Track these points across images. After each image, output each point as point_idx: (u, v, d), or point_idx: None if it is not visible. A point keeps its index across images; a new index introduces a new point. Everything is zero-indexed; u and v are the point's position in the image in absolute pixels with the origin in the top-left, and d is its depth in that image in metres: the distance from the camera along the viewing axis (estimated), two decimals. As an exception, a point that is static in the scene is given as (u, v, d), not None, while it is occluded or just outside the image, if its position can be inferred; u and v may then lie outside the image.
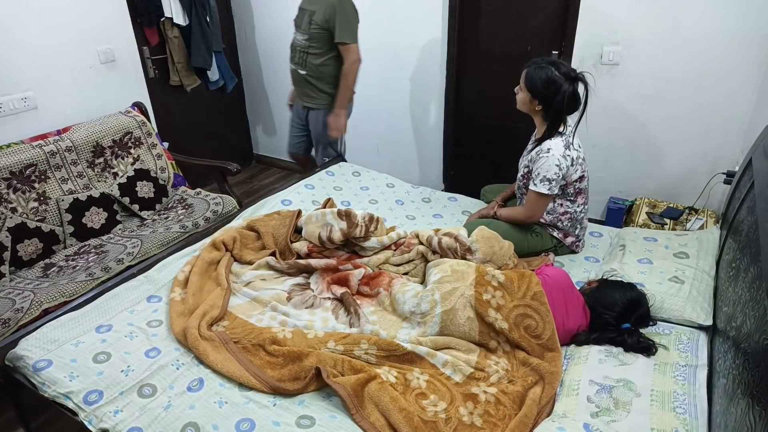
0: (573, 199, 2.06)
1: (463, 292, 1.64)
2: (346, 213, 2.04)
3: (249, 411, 1.40)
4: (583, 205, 2.11)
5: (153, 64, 3.36)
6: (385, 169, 3.04)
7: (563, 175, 1.96)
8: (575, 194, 2.06)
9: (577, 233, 2.14)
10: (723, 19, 2.46)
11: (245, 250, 2.11)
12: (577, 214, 2.09)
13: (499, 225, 2.12)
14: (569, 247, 2.17)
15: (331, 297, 1.86)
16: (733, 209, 1.95)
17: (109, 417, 1.38)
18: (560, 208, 2.08)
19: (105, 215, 2.63)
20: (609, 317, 1.63)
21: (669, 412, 1.31)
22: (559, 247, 2.16)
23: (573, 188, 2.04)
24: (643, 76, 2.74)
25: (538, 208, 2.04)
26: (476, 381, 1.51)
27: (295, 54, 2.75)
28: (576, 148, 1.99)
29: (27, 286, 2.13)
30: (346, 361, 1.49)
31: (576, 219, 2.10)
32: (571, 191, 2.05)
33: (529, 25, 3.01)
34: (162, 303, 1.83)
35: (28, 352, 1.55)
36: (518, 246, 2.06)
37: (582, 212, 2.11)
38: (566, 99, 1.90)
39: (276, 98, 4.11)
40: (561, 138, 1.97)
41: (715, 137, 2.70)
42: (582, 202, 2.09)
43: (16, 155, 2.40)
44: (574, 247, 2.17)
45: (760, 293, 1.21)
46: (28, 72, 2.57)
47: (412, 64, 3.34)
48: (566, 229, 2.11)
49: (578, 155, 1.99)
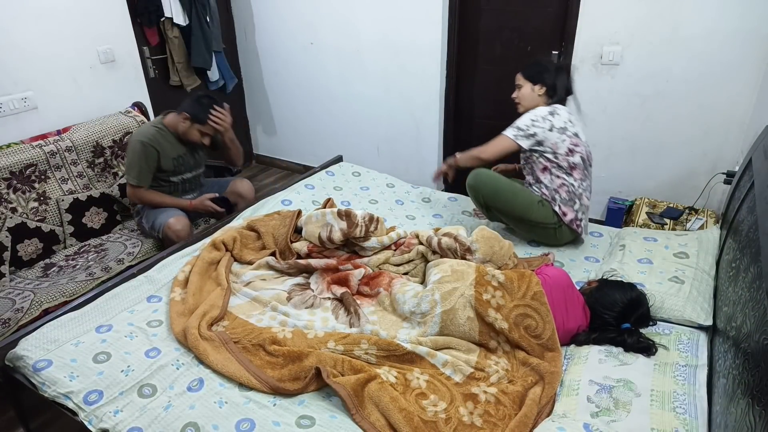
0: (569, 173, 2.11)
1: (463, 292, 1.64)
2: (346, 213, 2.04)
3: (249, 411, 1.40)
4: (581, 181, 2.13)
5: (153, 64, 3.36)
6: (385, 169, 3.04)
7: (536, 132, 2.05)
8: (570, 168, 2.10)
9: (576, 210, 2.13)
10: (723, 19, 2.46)
11: (245, 250, 2.11)
12: (574, 189, 2.12)
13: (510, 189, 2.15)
14: (569, 227, 2.14)
15: (331, 297, 1.86)
16: (733, 209, 1.95)
17: (109, 417, 1.38)
18: (557, 180, 2.12)
19: (105, 215, 2.63)
20: (609, 317, 1.63)
21: (669, 412, 1.31)
22: (558, 228, 2.14)
23: (567, 162, 2.09)
24: (643, 76, 2.74)
25: (493, 146, 2.13)
26: (476, 381, 1.51)
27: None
28: (566, 120, 2.08)
29: (27, 286, 2.13)
30: (346, 361, 1.49)
31: (574, 193, 2.12)
32: (565, 165, 2.10)
33: (529, 25, 3.01)
34: (162, 303, 1.83)
35: (28, 352, 1.55)
36: (525, 211, 2.12)
37: (581, 188, 2.14)
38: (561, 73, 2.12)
39: (276, 98, 4.11)
40: (549, 106, 2.11)
41: (715, 137, 2.70)
42: (579, 178, 2.12)
43: (16, 155, 2.40)
44: (575, 226, 2.14)
45: (760, 293, 1.21)
46: (28, 72, 2.57)
47: (412, 64, 3.34)
48: (565, 202, 2.12)
49: (566, 126, 2.07)
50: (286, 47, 3.82)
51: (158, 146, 2.34)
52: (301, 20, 3.64)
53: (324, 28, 3.57)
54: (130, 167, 2.33)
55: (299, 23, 3.66)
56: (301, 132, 4.14)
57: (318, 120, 3.97)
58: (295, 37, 3.74)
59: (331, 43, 3.60)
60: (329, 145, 3.95)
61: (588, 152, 2.16)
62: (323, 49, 3.66)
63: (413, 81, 3.39)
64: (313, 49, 3.70)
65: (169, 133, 2.40)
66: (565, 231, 2.16)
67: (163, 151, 2.36)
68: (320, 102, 3.88)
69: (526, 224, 2.17)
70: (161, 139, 2.37)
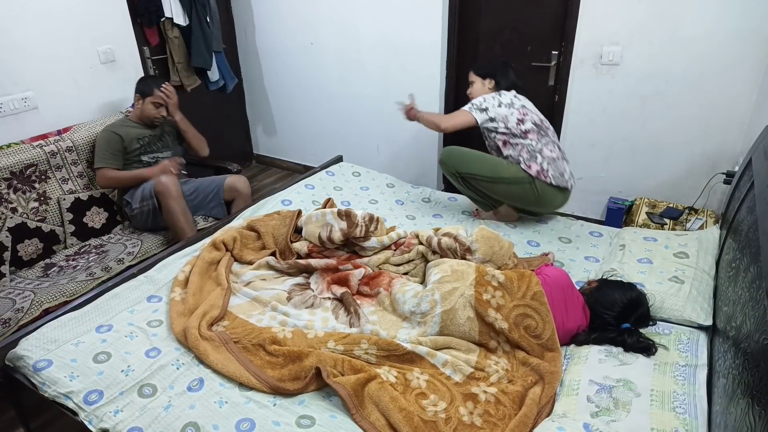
0: (524, 137, 2.31)
1: (463, 292, 1.64)
2: (346, 213, 2.04)
3: (249, 411, 1.40)
4: (539, 139, 2.31)
5: (153, 64, 3.35)
6: (385, 169, 3.04)
7: (484, 107, 2.31)
8: (524, 133, 2.31)
9: (540, 162, 2.29)
10: (723, 19, 2.46)
11: (245, 250, 2.11)
12: (533, 147, 2.30)
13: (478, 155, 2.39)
14: (537, 178, 2.29)
15: (331, 297, 1.86)
16: (732, 209, 1.95)
17: (110, 417, 1.38)
18: (517, 146, 2.32)
19: (106, 215, 2.63)
20: (609, 317, 1.63)
21: (669, 412, 1.31)
22: (528, 182, 2.30)
23: (519, 130, 2.30)
24: (643, 76, 2.74)
25: (452, 118, 2.37)
26: (476, 381, 1.51)
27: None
28: (512, 97, 2.36)
29: (27, 286, 2.13)
30: (346, 361, 1.49)
31: (534, 150, 2.30)
32: (518, 132, 2.30)
33: (529, 25, 3.01)
34: (162, 303, 1.83)
35: (28, 352, 1.55)
36: (495, 170, 2.33)
37: (540, 144, 2.31)
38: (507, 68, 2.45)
39: (276, 98, 4.12)
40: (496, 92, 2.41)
41: (715, 137, 2.70)
42: (535, 138, 2.31)
43: (17, 155, 2.40)
44: (542, 177, 2.28)
45: (760, 293, 1.21)
46: (28, 72, 2.57)
47: (412, 65, 3.34)
48: (527, 159, 2.30)
49: (512, 102, 2.33)
50: (286, 47, 3.82)
51: (120, 131, 2.58)
52: (301, 20, 3.64)
53: (324, 28, 3.57)
54: (96, 154, 2.57)
55: (299, 23, 3.66)
56: (301, 132, 4.14)
57: (318, 120, 3.97)
58: (295, 37, 3.74)
59: (331, 43, 3.60)
60: (329, 145, 3.95)
61: (540, 118, 2.37)
62: (323, 49, 3.66)
63: (413, 81, 3.38)
64: (313, 49, 3.70)
65: (133, 121, 2.68)
66: (542, 187, 2.30)
67: (126, 134, 2.58)
68: (320, 102, 3.88)
69: (502, 184, 2.33)
70: (125, 125, 2.64)
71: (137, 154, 2.62)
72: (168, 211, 2.43)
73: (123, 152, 2.58)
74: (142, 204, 2.51)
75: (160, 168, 2.57)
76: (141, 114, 2.64)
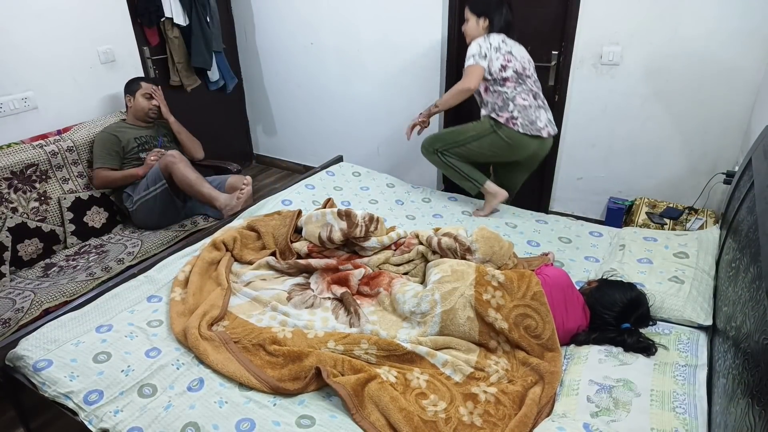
0: (502, 85, 2.39)
1: (463, 292, 1.64)
2: (346, 213, 2.04)
3: (249, 411, 1.40)
4: (515, 87, 2.39)
5: (153, 64, 3.35)
6: (385, 169, 3.04)
7: (484, 54, 2.36)
8: (503, 81, 2.39)
9: (510, 111, 2.39)
10: (723, 19, 2.46)
11: (245, 250, 2.11)
12: (507, 95, 2.39)
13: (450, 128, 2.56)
14: (506, 126, 2.39)
15: (331, 297, 1.86)
16: (732, 209, 1.95)
17: (110, 417, 1.38)
18: (495, 94, 2.41)
19: (106, 215, 2.63)
20: (609, 317, 1.63)
21: (669, 412, 1.31)
22: (493, 131, 2.42)
23: (500, 76, 2.38)
24: (643, 76, 2.74)
25: (468, 78, 2.39)
26: (476, 381, 1.51)
27: None
28: (500, 41, 2.39)
29: (27, 286, 2.13)
30: (346, 361, 1.49)
31: (507, 98, 2.39)
32: (498, 78, 2.38)
33: (529, 25, 3.01)
34: (162, 303, 1.83)
35: (28, 352, 1.55)
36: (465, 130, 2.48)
37: (514, 92, 2.39)
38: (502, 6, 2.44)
39: (276, 98, 4.12)
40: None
41: (714, 137, 2.70)
42: (512, 87, 2.39)
43: (17, 155, 2.40)
44: (511, 125, 2.39)
45: (760, 293, 1.21)
46: (28, 72, 2.57)
47: (412, 64, 3.34)
48: (499, 108, 2.41)
49: (499, 47, 2.38)
50: (286, 47, 3.82)
51: (116, 132, 2.65)
52: (301, 20, 3.64)
53: (324, 28, 3.58)
54: (93, 155, 2.62)
55: (299, 23, 3.66)
56: (301, 132, 4.14)
57: (318, 120, 3.97)
58: (295, 37, 3.74)
59: (331, 43, 3.60)
60: (329, 145, 3.95)
61: (523, 66, 2.43)
62: (323, 49, 3.66)
63: (413, 81, 3.39)
64: (313, 49, 3.71)
65: (129, 123, 2.75)
66: (510, 134, 2.40)
67: (122, 135, 2.65)
68: (320, 102, 3.88)
69: (472, 143, 2.47)
70: (121, 126, 2.71)
71: (135, 152, 2.67)
72: (183, 178, 2.45)
73: (121, 152, 2.63)
74: (149, 191, 2.52)
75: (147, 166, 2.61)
76: (135, 111, 2.72)
